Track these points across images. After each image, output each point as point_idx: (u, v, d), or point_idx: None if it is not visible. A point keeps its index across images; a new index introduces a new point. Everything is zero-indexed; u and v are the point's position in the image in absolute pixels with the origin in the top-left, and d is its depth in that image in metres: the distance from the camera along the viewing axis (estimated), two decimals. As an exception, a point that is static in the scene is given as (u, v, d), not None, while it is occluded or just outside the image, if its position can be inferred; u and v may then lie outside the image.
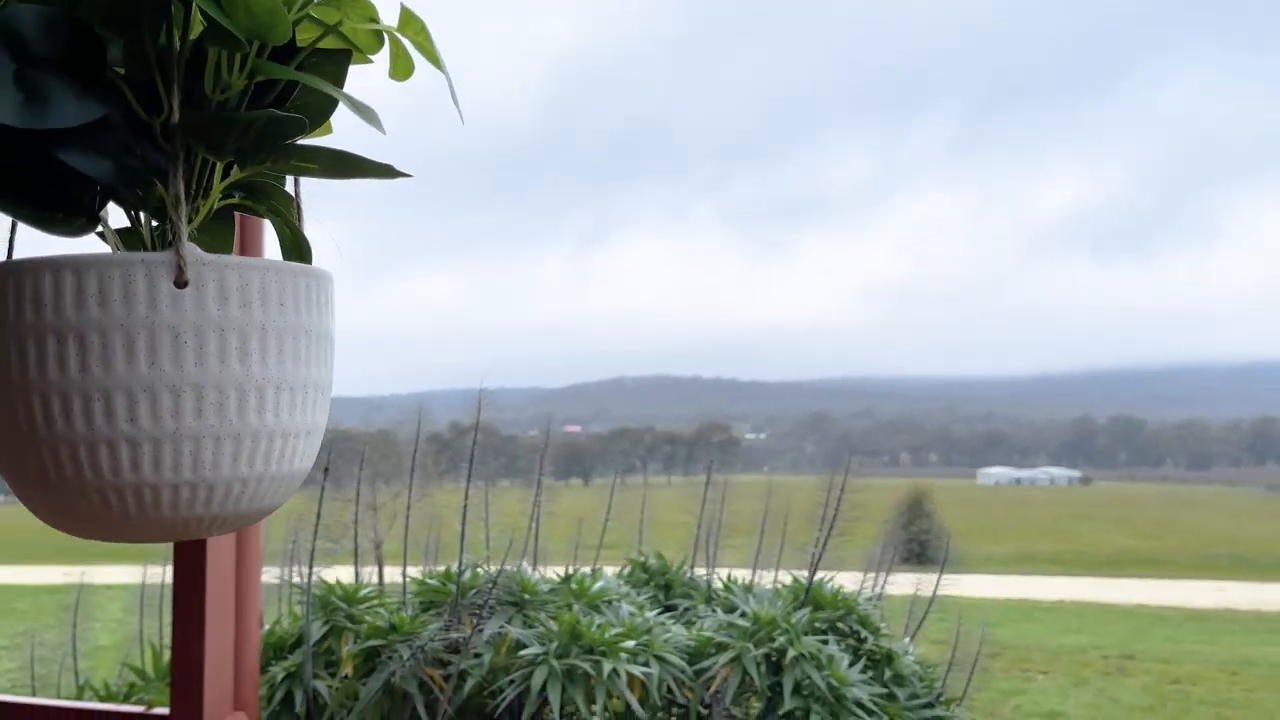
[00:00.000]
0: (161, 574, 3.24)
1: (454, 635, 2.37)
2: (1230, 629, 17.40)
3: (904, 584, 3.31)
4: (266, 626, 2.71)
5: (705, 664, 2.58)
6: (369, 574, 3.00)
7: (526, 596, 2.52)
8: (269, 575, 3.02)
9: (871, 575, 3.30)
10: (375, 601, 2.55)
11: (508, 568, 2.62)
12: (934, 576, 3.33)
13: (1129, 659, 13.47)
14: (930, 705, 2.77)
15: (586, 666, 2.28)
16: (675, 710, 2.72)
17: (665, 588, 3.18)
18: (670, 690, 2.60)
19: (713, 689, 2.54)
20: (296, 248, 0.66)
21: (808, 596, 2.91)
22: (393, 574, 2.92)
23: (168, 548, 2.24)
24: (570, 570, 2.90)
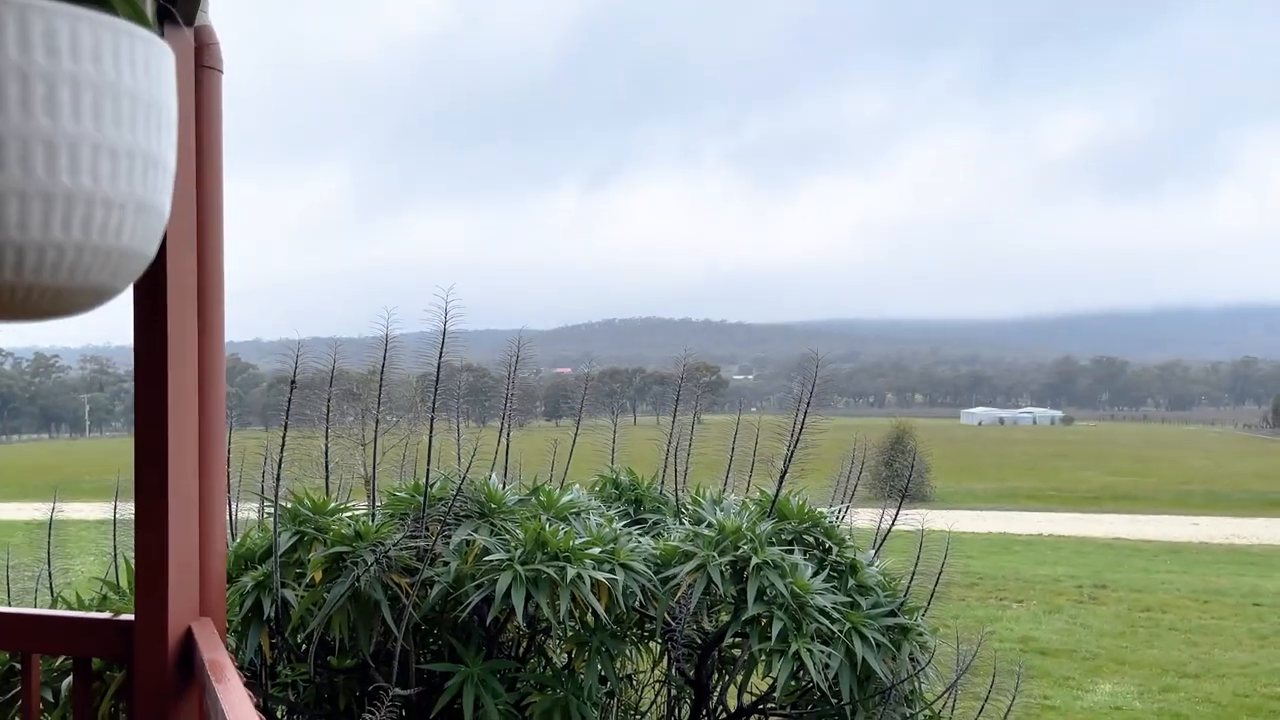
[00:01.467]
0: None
1: (420, 544, 2.40)
2: (1203, 561, 17.76)
3: (882, 517, 3.34)
4: (238, 540, 2.73)
5: (671, 572, 2.62)
6: (344, 495, 3.02)
7: (493, 506, 2.54)
8: (250, 511, 3.03)
9: (841, 499, 3.34)
10: (344, 514, 2.57)
11: (475, 480, 2.64)
12: (913, 511, 3.37)
13: (1102, 589, 13.76)
14: (892, 613, 2.83)
15: (551, 572, 2.31)
16: (643, 618, 2.77)
17: (635, 502, 3.22)
18: (639, 600, 2.64)
19: (678, 596, 2.58)
20: (133, 13, 0.61)
21: (773, 509, 2.94)
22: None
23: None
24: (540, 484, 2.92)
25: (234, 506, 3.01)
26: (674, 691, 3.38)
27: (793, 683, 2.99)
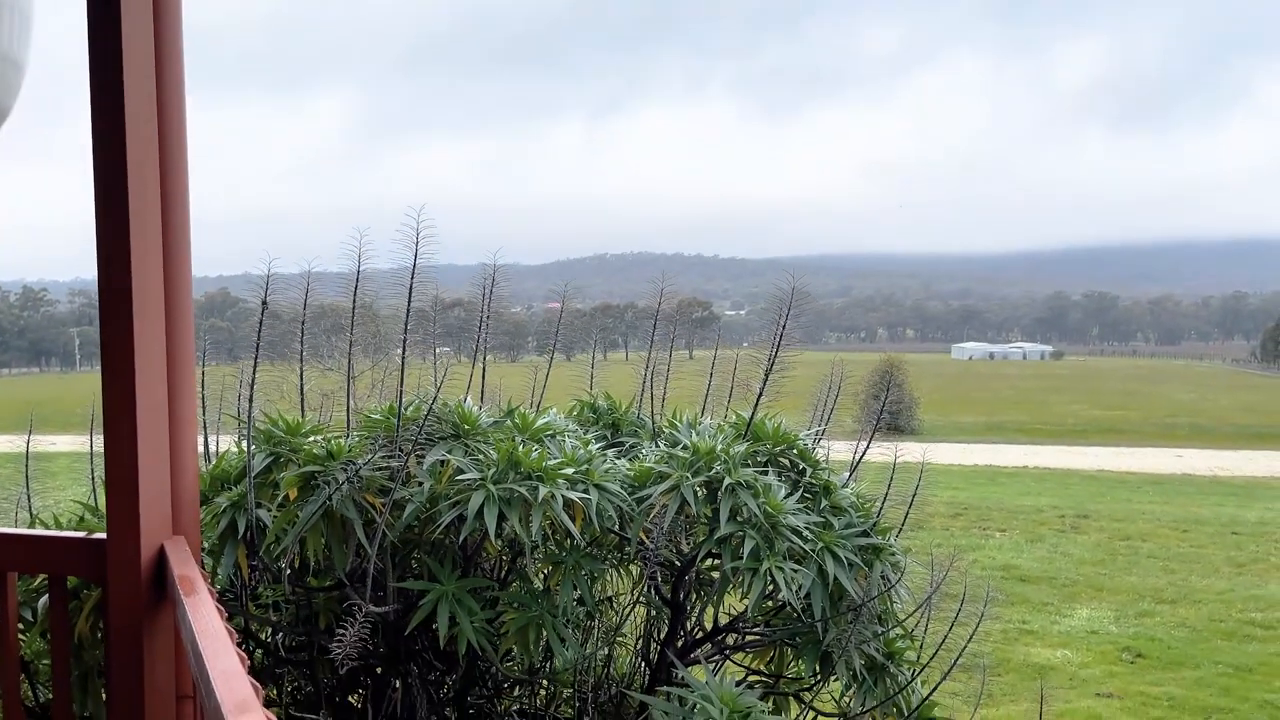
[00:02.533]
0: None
1: (393, 464, 2.41)
2: (1185, 491, 18.03)
3: (872, 452, 3.35)
4: (214, 463, 2.73)
5: (646, 493, 2.63)
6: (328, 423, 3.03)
7: (466, 428, 2.55)
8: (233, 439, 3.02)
9: (818, 423, 3.35)
10: (319, 435, 2.57)
11: (449, 402, 2.64)
12: (893, 443, 3.38)
13: (1084, 518, 13.97)
14: (865, 534, 2.86)
15: (523, 491, 2.32)
16: (623, 540, 2.79)
17: (613, 427, 3.23)
18: (616, 522, 2.65)
19: (651, 516, 2.60)
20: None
21: (748, 431, 2.95)
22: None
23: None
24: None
25: (216, 437, 3.00)
26: (653, 612, 3.44)
27: (768, 602, 3.03)
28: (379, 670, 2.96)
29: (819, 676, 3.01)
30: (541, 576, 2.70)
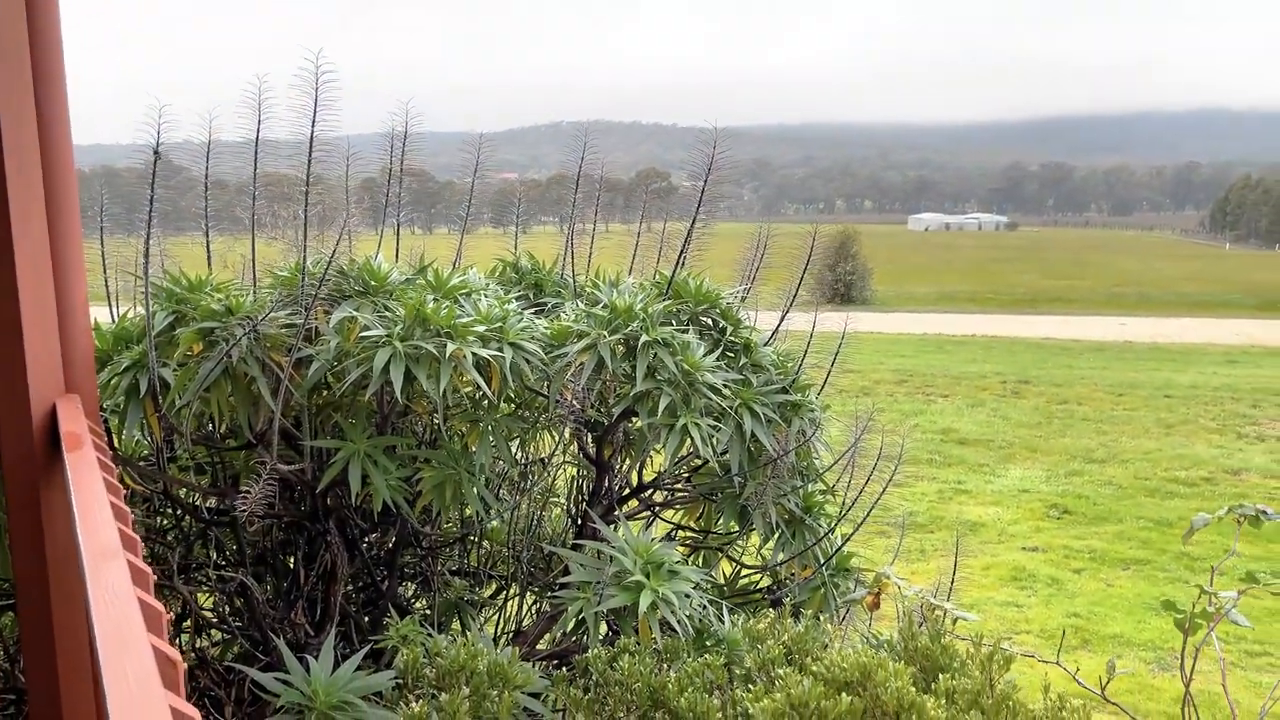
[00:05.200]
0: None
1: (295, 320, 2.34)
2: (1124, 358, 18.51)
3: (823, 322, 3.31)
4: (116, 322, 2.65)
5: (563, 351, 2.60)
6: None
7: (375, 285, 2.48)
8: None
9: (745, 282, 3.32)
10: (219, 292, 2.49)
11: (358, 259, 2.56)
12: (853, 314, 3.34)
13: (1025, 384, 14.33)
14: (784, 390, 2.87)
15: (431, 348, 2.28)
16: (535, 396, 2.78)
17: (536, 287, 3.17)
18: (533, 379, 2.63)
19: (569, 374, 2.58)
20: None
21: (669, 289, 2.92)
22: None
23: None
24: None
25: (133, 305, 2.90)
26: (584, 472, 3.47)
27: (697, 460, 3.06)
28: (304, 530, 2.97)
29: (739, 530, 3.07)
30: (459, 436, 2.69)
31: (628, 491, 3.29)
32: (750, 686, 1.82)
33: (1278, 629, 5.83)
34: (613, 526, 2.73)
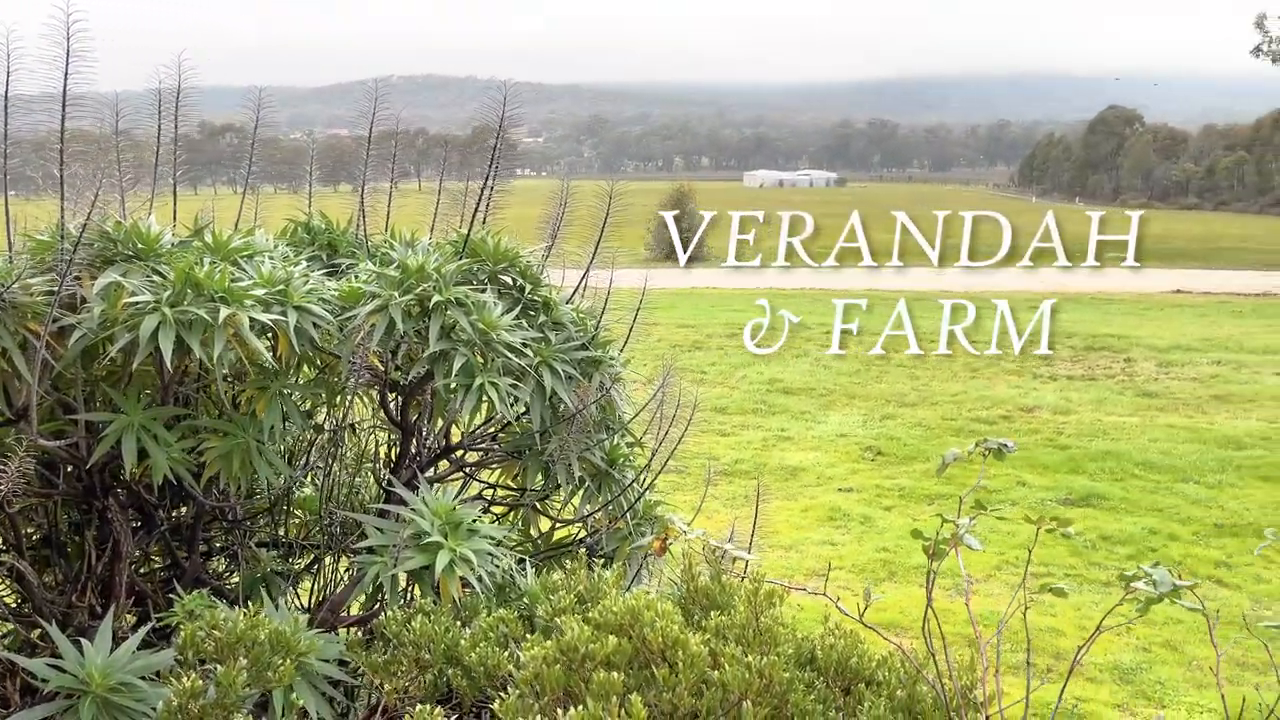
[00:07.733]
0: None
1: (52, 288, 2.20)
2: (940, 308, 19.62)
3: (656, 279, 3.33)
4: None
5: (353, 313, 2.55)
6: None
7: (143, 248, 2.35)
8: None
9: (547, 239, 3.33)
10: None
11: (125, 221, 2.42)
12: (694, 271, 3.38)
13: (847, 334, 15.00)
14: (584, 347, 2.91)
15: (202, 313, 2.19)
16: (338, 360, 2.72)
17: (330, 247, 3.08)
18: (323, 342, 2.57)
19: (358, 338, 2.53)
20: None
21: (465, 248, 2.90)
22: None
23: None
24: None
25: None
26: (392, 437, 3.42)
27: (510, 422, 3.07)
28: (88, 508, 2.82)
29: (547, 487, 3.11)
30: (247, 402, 2.60)
31: (439, 453, 3.27)
32: (529, 636, 1.87)
33: (1059, 550, 6.39)
34: (418, 490, 2.71)
